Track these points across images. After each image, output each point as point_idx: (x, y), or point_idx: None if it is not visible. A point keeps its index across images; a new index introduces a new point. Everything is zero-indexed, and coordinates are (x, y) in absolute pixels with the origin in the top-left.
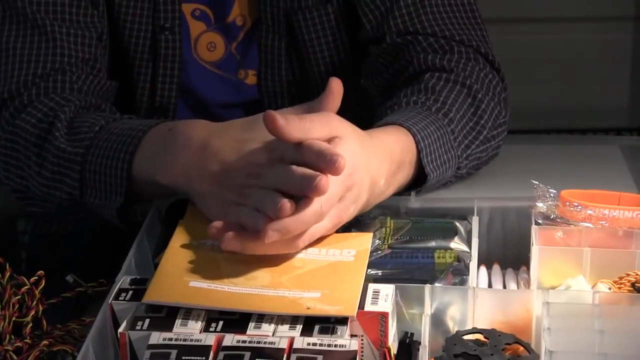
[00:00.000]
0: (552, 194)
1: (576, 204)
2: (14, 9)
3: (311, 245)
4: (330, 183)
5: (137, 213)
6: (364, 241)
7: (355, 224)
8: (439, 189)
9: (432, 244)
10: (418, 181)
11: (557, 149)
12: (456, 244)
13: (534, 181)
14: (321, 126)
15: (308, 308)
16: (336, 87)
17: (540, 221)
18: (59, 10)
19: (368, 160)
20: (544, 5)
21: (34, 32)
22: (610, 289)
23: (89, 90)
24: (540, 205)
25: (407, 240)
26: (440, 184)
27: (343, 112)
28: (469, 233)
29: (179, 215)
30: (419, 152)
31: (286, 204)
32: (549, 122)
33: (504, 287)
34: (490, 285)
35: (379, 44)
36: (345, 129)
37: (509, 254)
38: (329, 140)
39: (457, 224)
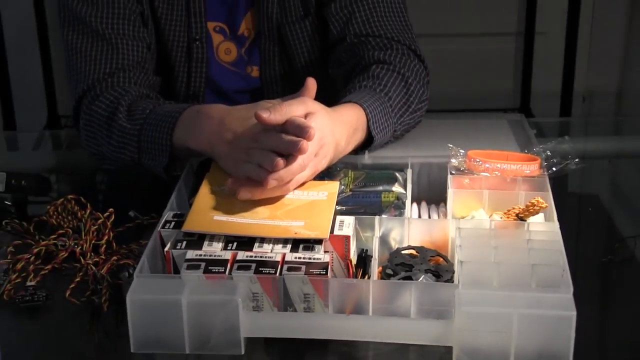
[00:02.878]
0: (461, 153)
1: (478, 160)
2: (82, 23)
3: (297, 188)
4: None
5: (177, 168)
6: (333, 186)
7: (327, 174)
8: (383, 149)
9: (380, 188)
10: (368, 143)
11: (464, 122)
12: (396, 188)
13: (449, 144)
14: (298, 107)
15: (295, 233)
16: (311, 84)
17: (453, 172)
18: (119, 27)
19: (333, 127)
20: (456, 22)
21: (101, 42)
22: (501, 218)
23: (142, 84)
24: (453, 161)
25: (363, 185)
26: (383, 144)
27: (320, 92)
28: (405, 180)
29: (206, 169)
30: (367, 120)
31: (280, 161)
32: (458, 104)
33: (429, 217)
34: (419, 216)
35: (342, 43)
36: (316, 107)
37: (433, 195)
38: (306, 116)
39: (397, 174)
